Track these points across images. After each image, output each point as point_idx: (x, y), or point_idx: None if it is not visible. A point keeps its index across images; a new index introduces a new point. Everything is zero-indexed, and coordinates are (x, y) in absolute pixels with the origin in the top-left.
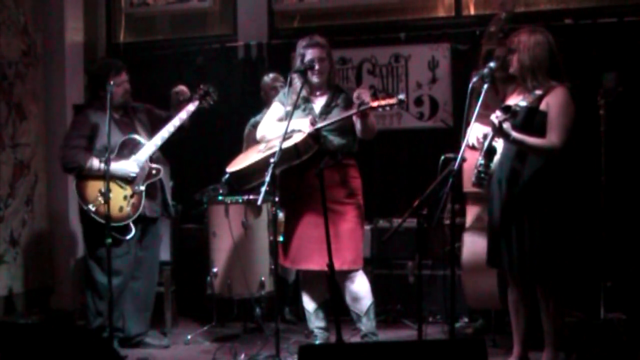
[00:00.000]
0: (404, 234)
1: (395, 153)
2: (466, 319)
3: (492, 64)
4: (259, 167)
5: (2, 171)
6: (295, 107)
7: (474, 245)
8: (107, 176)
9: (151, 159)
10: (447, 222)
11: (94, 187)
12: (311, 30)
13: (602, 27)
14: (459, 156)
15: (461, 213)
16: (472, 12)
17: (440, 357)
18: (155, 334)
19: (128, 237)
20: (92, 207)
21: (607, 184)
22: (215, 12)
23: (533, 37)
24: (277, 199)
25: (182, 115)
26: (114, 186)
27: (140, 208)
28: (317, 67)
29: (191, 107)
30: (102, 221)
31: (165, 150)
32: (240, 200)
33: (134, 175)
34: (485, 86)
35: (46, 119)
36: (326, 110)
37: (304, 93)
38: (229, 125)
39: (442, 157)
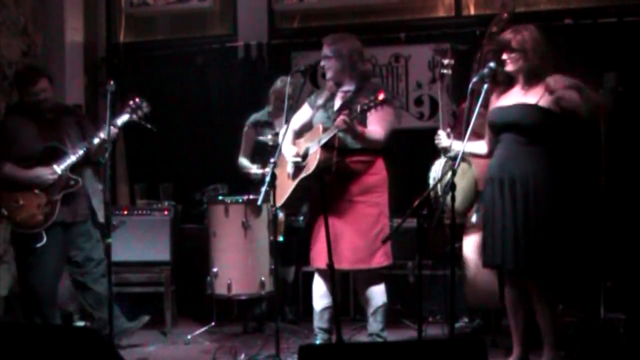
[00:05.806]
0: (404, 234)
1: (395, 153)
2: (466, 319)
3: (492, 64)
4: (299, 194)
5: None
6: (289, 108)
7: (476, 244)
8: (106, 177)
9: (72, 169)
10: (448, 221)
11: (11, 193)
12: (311, 30)
13: (602, 27)
14: (459, 156)
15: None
16: (472, 12)
17: (440, 357)
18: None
19: (38, 245)
20: (4, 212)
21: (607, 184)
22: (215, 12)
23: (534, 35)
24: None
25: (110, 129)
26: (28, 194)
27: (54, 217)
28: (322, 64)
29: (119, 120)
30: (12, 227)
31: (165, 149)
32: (240, 200)
33: (51, 181)
34: (485, 86)
35: None
36: (351, 100)
37: (326, 92)
38: (229, 125)
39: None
